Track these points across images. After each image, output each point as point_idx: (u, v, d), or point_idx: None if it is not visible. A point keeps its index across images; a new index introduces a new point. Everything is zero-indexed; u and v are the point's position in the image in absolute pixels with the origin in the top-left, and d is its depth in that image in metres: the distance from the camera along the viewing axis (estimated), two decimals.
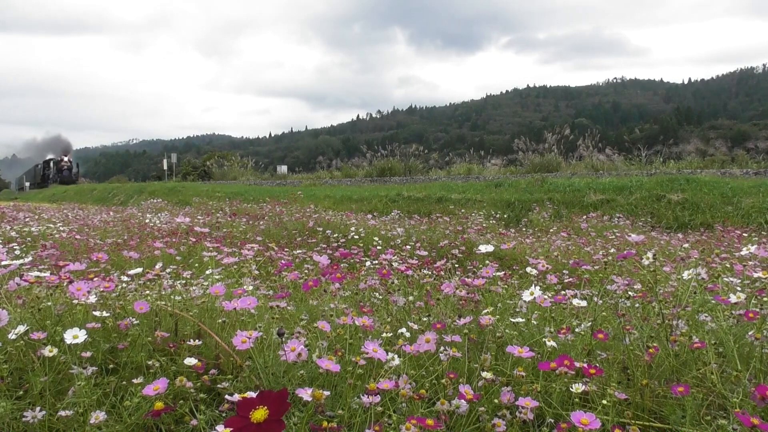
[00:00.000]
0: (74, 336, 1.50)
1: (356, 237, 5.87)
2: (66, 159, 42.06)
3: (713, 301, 1.96)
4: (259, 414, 0.82)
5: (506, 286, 2.83)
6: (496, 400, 1.39)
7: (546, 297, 1.96)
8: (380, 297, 2.49)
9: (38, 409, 1.33)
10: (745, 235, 6.16)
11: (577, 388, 1.39)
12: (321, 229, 6.47)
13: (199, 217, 8.26)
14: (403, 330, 1.86)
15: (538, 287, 1.89)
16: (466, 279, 2.35)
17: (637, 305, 2.27)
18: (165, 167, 26.58)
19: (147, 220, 7.81)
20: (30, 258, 2.39)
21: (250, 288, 2.18)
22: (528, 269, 2.53)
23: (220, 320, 1.92)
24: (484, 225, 7.59)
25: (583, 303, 2.00)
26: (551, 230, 7.16)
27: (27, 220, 7.25)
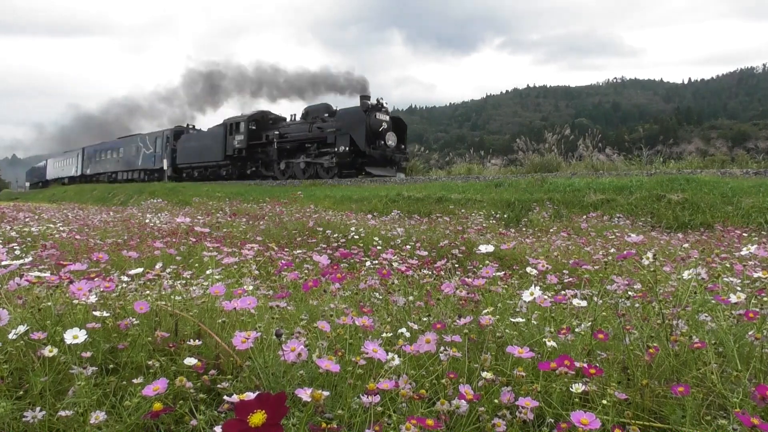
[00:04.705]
0: (74, 336, 1.50)
1: (356, 237, 5.87)
2: (387, 119, 18.68)
3: (713, 301, 1.95)
4: (257, 418, 0.81)
5: (506, 286, 2.82)
6: (496, 400, 1.39)
7: (546, 297, 1.96)
8: (380, 297, 2.48)
9: (38, 409, 1.33)
10: (745, 235, 6.16)
11: (577, 388, 1.39)
12: (321, 229, 6.46)
13: (199, 217, 8.26)
14: (403, 330, 1.85)
15: (538, 287, 1.89)
16: (466, 279, 2.35)
17: (637, 305, 2.26)
18: (165, 167, 26.57)
19: (147, 220, 7.80)
20: (30, 258, 2.39)
21: (250, 288, 2.18)
22: (528, 269, 2.52)
23: (220, 320, 1.92)
24: (484, 225, 7.58)
25: (583, 303, 2.00)
26: (551, 230, 7.15)
27: (27, 220, 7.25)
